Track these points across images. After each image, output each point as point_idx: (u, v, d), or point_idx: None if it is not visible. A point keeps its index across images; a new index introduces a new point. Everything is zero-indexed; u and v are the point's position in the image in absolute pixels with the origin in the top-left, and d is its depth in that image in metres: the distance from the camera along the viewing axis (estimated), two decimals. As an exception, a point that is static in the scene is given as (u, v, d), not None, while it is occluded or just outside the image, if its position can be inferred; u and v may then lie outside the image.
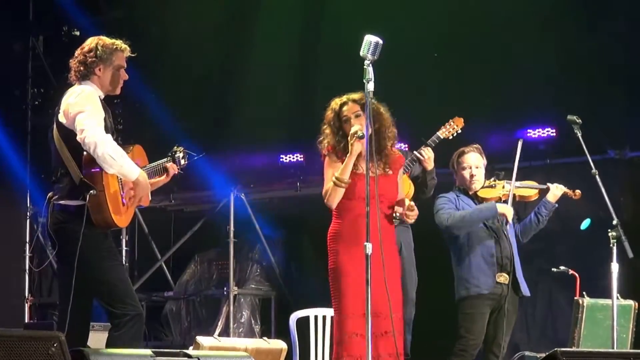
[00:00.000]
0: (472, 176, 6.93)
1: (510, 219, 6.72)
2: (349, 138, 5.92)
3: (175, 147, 6.28)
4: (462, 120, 7.37)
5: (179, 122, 10.09)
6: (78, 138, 5.59)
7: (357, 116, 6.02)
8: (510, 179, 6.84)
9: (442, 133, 7.37)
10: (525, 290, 6.87)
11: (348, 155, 5.90)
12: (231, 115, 10.36)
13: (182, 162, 6.26)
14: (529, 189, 6.97)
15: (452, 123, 7.39)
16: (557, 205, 6.94)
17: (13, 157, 10.99)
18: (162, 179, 6.18)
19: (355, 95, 6.06)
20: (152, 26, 10.61)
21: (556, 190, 6.92)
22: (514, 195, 6.85)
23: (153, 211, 11.00)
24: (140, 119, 10.71)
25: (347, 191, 5.94)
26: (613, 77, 8.71)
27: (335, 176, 5.92)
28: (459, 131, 7.34)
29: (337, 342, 5.96)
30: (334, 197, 5.95)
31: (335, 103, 6.12)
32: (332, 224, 6.07)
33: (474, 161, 6.94)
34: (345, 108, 6.06)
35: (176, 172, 6.21)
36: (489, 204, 6.80)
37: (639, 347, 7.25)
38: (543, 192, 6.99)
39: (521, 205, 7.19)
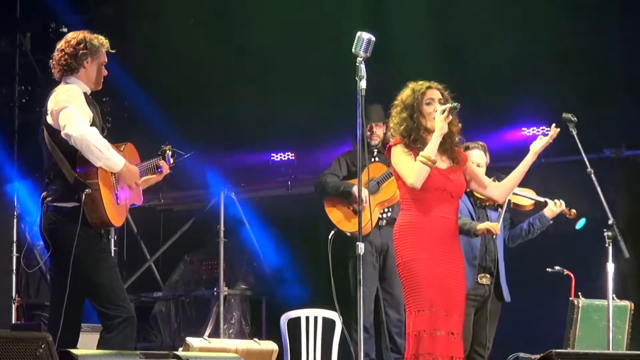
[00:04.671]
0: None
1: (496, 232, 6.63)
2: (438, 114, 5.71)
3: (164, 146, 6.23)
4: None
5: (168, 121, 10.02)
6: (62, 134, 5.58)
7: (439, 102, 5.84)
8: None
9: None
10: (507, 296, 6.87)
11: (435, 134, 5.71)
12: (222, 114, 10.28)
13: (171, 160, 6.22)
14: (525, 199, 6.90)
15: None
16: (552, 221, 6.90)
17: (0, 155, 10.90)
18: (154, 177, 6.16)
19: (439, 85, 5.91)
20: (141, 23, 10.53)
21: (555, 207, 6.89)
22: (509, 202, 6.81)
23: (142, 210, 10.91)
24: (129, 117, 10.65)
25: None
26: (609, 75, 8.68)
27: (422, 155, 5.71)
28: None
29: (413, 338, 5.69)
30: (421, 177, 5.69)
31: (419, 85, 5.90)
32: (401, 215, 5.85)
33: (476, 158, 6.87)
34: (429, 91, 5.87)
35: (168, 172, 6.18)
36: (469, 228, 6.67)
37: (635, 348, 7.20)
38: (538, 204, 6.93)
39: (516, 211, 7.13)
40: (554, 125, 6.23)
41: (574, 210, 6.91)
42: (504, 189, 6.14)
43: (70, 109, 5.59)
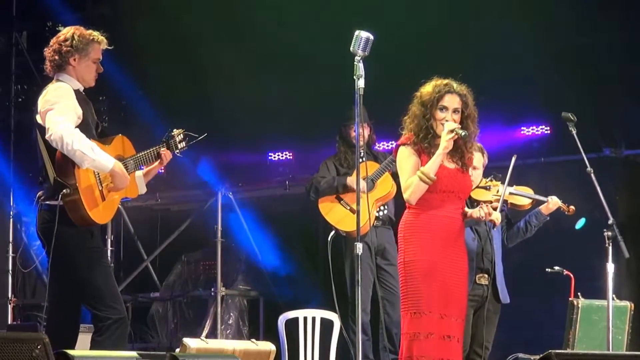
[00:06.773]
0: None
1: (497, 223, 6.60)
2: (445, 133, 5.66)
3: (174, 130, 6.09)
4: None
5: (165, 120, 9.98)
6: (46, 137, 5.52)
7: (454, 111, 5.78)
8: (508, 183, 6.74)
9: None
10: (505, 297, 6.84)
11: (438, 152, 5.66)
12: (219, 113, 10.24)
13: (182, 144, 6.09)
14: (523, 198, 6.85)
15: None
16: (548, 218, 6.89)
17: (-4, 154, 10.89)
18: (155, 165, 6.06)
19: (462, 89, 5.83)
20: (138, 22, 10.50)
21: (552, 205, 6.85)
22: (505, 201, 6.76)
23: (139, 210, 10.90)
24: (125, 116, 10.62)
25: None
26: (609, 75, 8.65)
27: (421, 171, 5.67)
28: None
29: (408, 340, 5.67)
30: (417, 193, 5.68)
31: (439, 85, 5.82)
32: (406, 214, 5.82)
33: (473, 162, 6.83)
34: (448, 97, 5.79)
35: (172, 157, 6.05)
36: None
37: (635, 349, 7.17)
38: (537, 202, 6.90)
39: (515, 211, 7.10)
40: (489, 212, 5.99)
41: (572, 207, 6.89)
42: None
43: (53, 112, 5.56)
